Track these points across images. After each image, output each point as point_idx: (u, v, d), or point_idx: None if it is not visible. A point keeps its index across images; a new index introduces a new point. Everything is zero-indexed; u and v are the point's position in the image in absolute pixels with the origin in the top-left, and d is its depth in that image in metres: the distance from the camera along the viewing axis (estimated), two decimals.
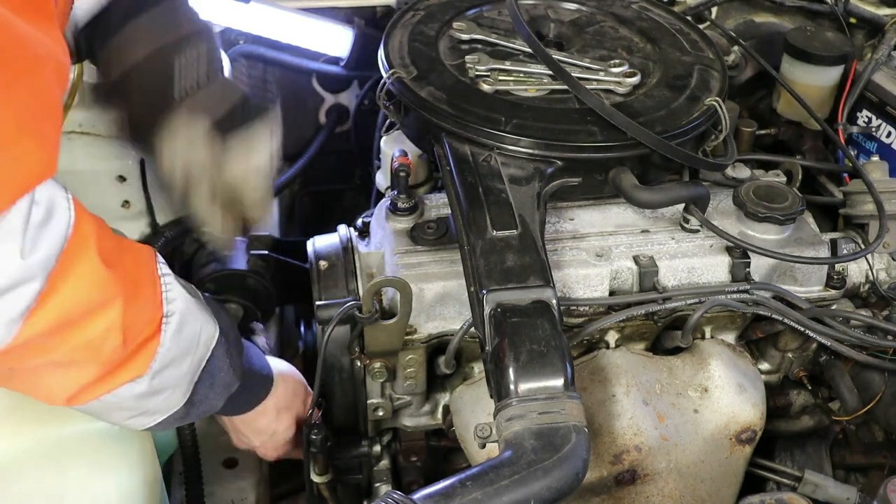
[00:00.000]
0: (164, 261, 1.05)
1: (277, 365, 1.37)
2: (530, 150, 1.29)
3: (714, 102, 1.39)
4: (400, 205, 1.38)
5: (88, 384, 0.99)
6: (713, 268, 1.36)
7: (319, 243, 1.44)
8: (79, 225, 0.90)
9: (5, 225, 0.83)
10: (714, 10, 1.85)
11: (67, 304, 0.90)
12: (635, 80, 1.41)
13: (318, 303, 1.34)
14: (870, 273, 1.45)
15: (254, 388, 1.29)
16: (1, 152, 0.81)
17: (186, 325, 1.05)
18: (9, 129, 0.81)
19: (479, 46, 1.48)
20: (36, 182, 0.85)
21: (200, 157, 1.17)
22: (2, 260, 0.83)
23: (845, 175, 1.63)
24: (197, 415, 1.16)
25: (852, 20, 1.80)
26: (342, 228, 1.47)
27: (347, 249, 1.42)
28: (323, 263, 1.40)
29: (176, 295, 1.04)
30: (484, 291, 1.12)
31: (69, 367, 0.96)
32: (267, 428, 1.36)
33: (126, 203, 1.63)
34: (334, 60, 2.15)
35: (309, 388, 1.42)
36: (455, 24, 1.51)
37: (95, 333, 0.94)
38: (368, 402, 1.41)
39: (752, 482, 1.51)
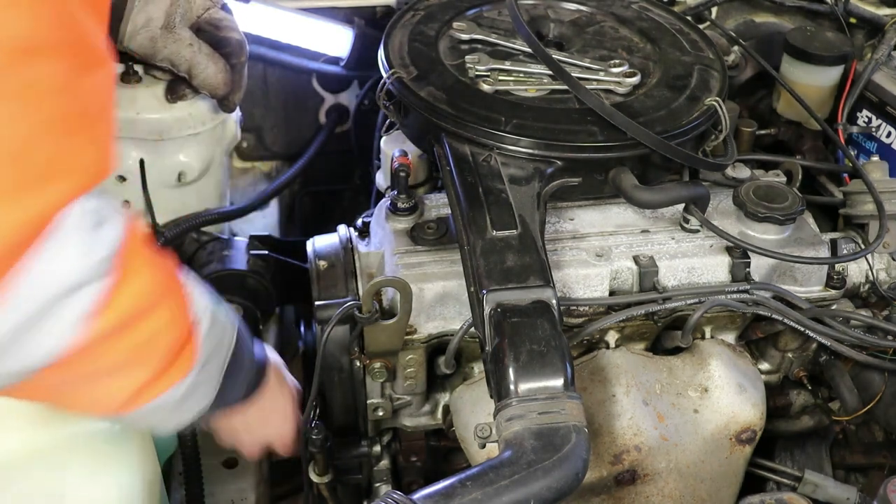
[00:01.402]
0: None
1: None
2: (530, 150, 1.29)
3: (714, 102, 1.39)
4: (400, 205, 1.38)
5: (142, 387, 0.99)
6: (713, 268, 1.36)
7: (319, 243, 1.44)
8: (129, 227, 0.91)
9: (68, 222, 0.83)
10: (714, 10, 1.85)
11: (126, 304, 0.91)
12: (635, 80, 1.41)
13: (317, 302, 1.34)
14: (870, 273, 1.45)
15: (259, 370, 1.29)
16: (62, 142, 0.80)
17: (214, 325, 1.07)
18: (71, 121, 0.81)
19: (479, 46, 1.48)
20: (94, 182, 0.85)
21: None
22: (68, 259, 0.84)
23: (845, 175, 1.63)
24: (218, 409, 1.16)
25: (852, 20, 1.80)
26: (342, 228, 1.47)
27: (347, 249, 1.42)
28: (323, 263, 1.40)
29: (199, 298, 1.05)
30: (484, 291, 1.12)
31: (123, 371, 0.97)
32: (277, 406, 1.34)
33: (126, 203, 1.62)
34: (334, 60, 2.15)
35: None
36: (455, 24, 1.51)
37: (151, 332, 0.95)
38: (368, 402, 1.41)
39: (752, 482, 1.51)
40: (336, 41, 2.12)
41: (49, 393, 0.98)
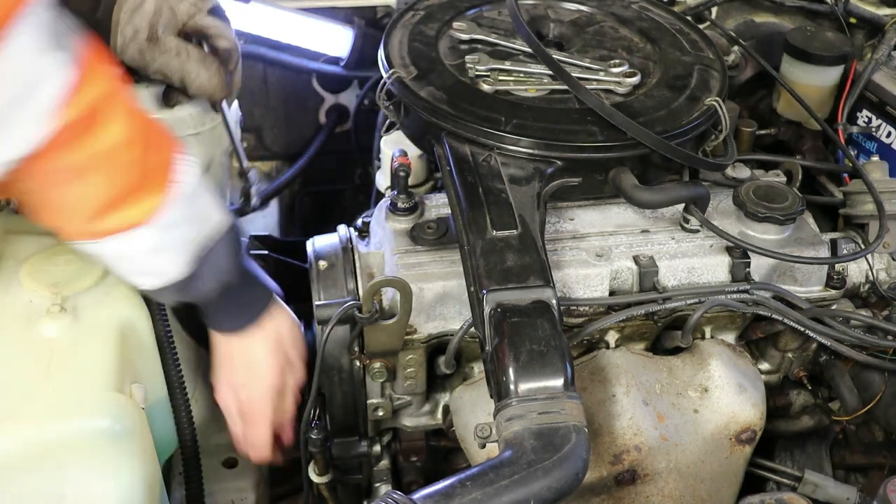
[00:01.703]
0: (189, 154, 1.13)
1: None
2: (530, 150, 1.29)
3: (714, 102, 1.39)
4: (400, 205, 1.38)
5: (104, 204, 1.05)
6: (713, 268, 1.36)
7: (319, 243, 1.44)
8: (89, 46, 0.99)
9: (27, 20, 0.90)
10: (714, 10, 1.85)
11: (94, 97, 0.99)
12: (635, 80, 1.41)
13: (317, 303, 1.34)
14: (870, 273, 1.45)
15: (251, 295, 1.28)
16: None
17: (198, 198, 1.12)
18: None
19: (479, 46, 1.48)
20: None
21: (152, 8, 1.31)
22: (31, 51, 0.92)
23: (845, 175, 1.63)
24: (195, 293, 1.19)
25: (852, 20, 1.80)
26: (342, 228, 1.47)
27: (347, 249, 1.42)
28: (323, 263, 1.40)
29: (190, 176, 1.11)
30: (484, 291, 1.12)
31: (85, 176, 1.03)
32: (258, 359, 1.29)
33: None
34: (334, 60, 2.16)
35: (302, 337, 1.37)
36: (455, 24, 1.51)
37: (118, 140, 1.02)
38: (368, 402, 1.41)
39: (752, 482, 1.51)
40: (336, 41, 2.12)
41: (23, 191, 1.05)
